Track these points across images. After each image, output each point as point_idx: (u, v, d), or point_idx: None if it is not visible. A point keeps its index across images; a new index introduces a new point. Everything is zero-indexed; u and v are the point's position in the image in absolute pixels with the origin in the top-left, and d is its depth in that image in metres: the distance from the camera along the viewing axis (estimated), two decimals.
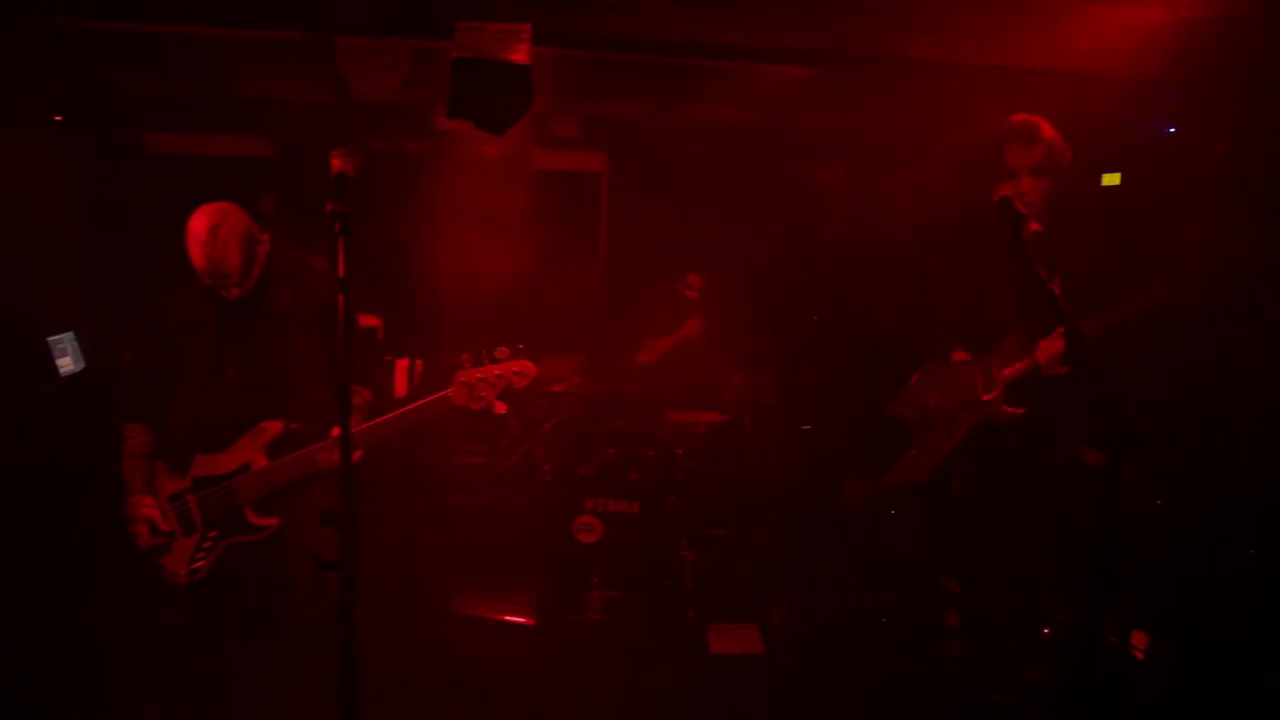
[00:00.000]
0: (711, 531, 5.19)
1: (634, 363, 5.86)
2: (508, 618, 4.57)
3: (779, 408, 5.54)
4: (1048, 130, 3.21)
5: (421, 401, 3.00)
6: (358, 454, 2.98)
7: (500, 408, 3.01)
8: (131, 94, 6.00)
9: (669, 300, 5.89)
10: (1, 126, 5.43)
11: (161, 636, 3.65)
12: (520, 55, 3.22)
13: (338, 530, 2.17)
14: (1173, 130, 4.72)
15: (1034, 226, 2.82)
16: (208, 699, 3.38)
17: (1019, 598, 3.58)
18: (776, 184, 6.53)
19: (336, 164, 2.28)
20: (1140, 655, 3.73)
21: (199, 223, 2.97)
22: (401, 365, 5.37)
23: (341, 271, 2.13)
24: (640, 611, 4.72)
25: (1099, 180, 4.88)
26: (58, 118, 5.89)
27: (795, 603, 4.83)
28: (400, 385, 5.34)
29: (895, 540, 4.89)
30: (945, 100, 4.52)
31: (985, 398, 3.40)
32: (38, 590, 4.56)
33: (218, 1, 3.80)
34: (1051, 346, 3.14)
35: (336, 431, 3.03)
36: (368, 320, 5.40)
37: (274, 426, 3.12)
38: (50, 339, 5.45)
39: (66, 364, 5.53)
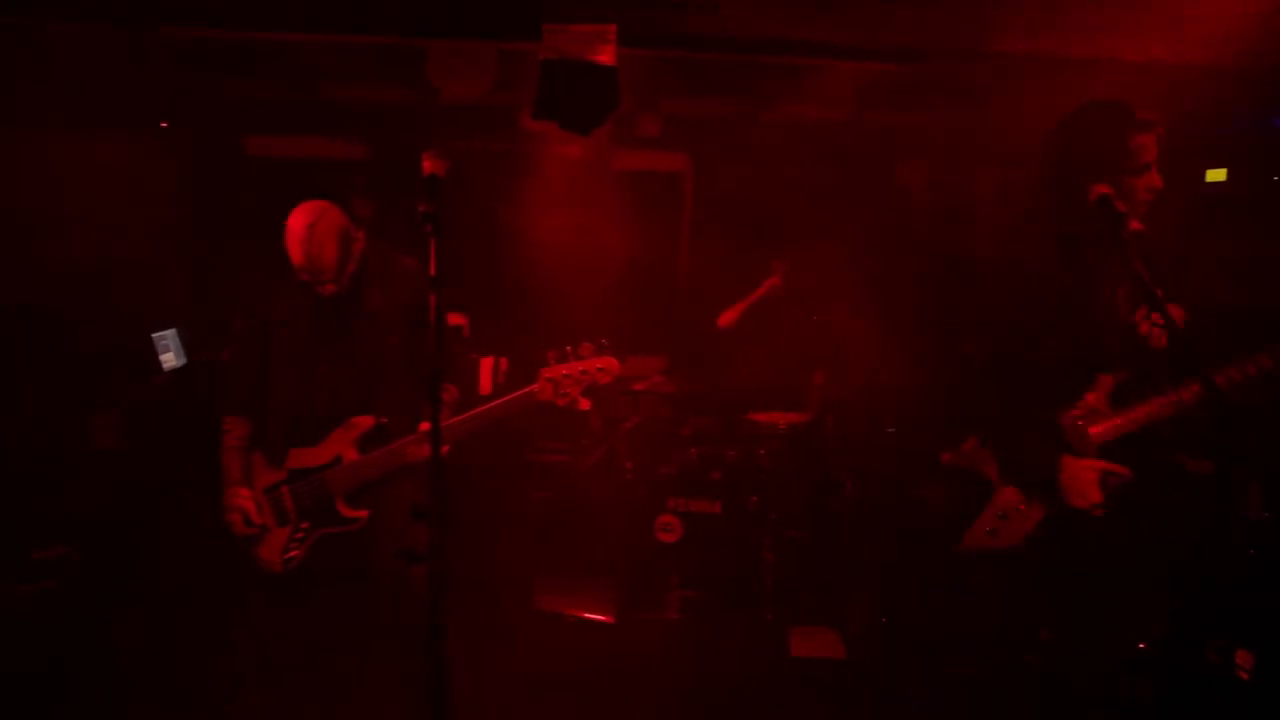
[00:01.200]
0: (792, 533, 5.14)
1: (716, 327, 5.80)
2: (588, 615, 4.60)
3: (863, 409, 5.44)
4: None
5: (508, 397, 3.04)
6: (444, 448, 3.05)
7: (584, 404, 3.03)
8: (233, 99, 6.21)
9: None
10: (112, 133, 5.68)
11: (254, 624, 3.78)
12: (606, 56, 3.24)
13: (427, 524, 2.21)
14: None
15: (1134, 225, 2.70)
16: (297, 686, 3.48)
17: (1117, 609, 3.46)
18: (860, 182, 6.43)
19: (428, 166, 2.32)
20: (1245, 675, 3.57)
21: (297, 220, 3.07)
22: (486, 363, 5.45)
23: (433, 270, 2.17)
24: (720, 612, 4.71)
25: (1203, 176, 4.69)
26: (164, 124, 6.13)
27: (878, 607, 4.75)
28: (485, 383, 5.42)
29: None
30: (1037, 95, 4.39)
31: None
32: (140, 574, 4.77)
33: (315, 9, 3.90)
34: (1152, 409, 2.81)
35: (424, 426, 3.11)
36: (454, 319, 5.50)
37: (364, 421, 3.20)
38: (154, 335, 5.67)
39: (169, 360, 5.75)
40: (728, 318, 5.71)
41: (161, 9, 4.11)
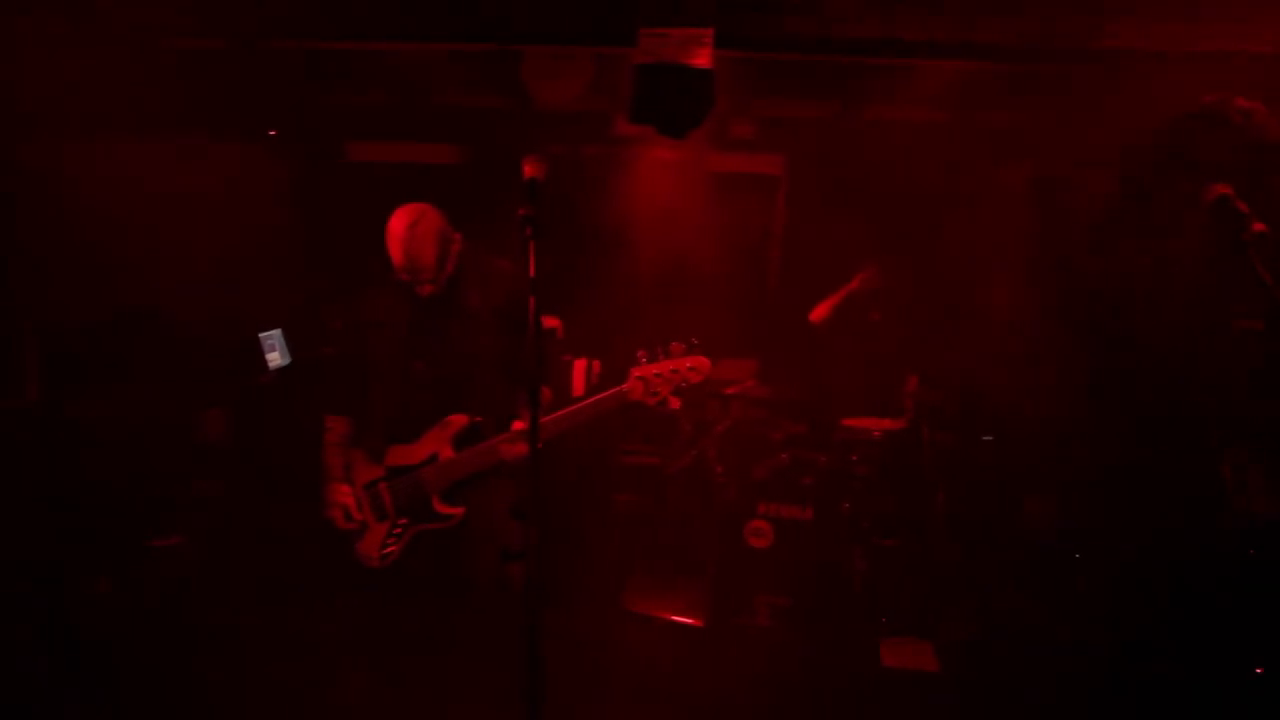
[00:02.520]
0: (885, 541, 5.05)
1: (808, 327, 5.73)
2: (677, 618, 4.60)
3: (959, 416, 5.31)
4: None
5: (599, 396, 3.06)
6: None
7: (675, 403, 3.03)
8: (336, 107, 6.40)
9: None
10: (224, 142, 5.92)
11: (352, 616, 3.88)
12: (702, 59, 3.23)
13: (523, 522, 2.23)
14: None
15: (1258, 227, 2.56)
16: (393, 680, 3.56)
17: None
18: (960, 184, 6.28)
19: (528, 170, 2.35)
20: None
21: (398, 221, 3.15)
22: (579, 365, 5.50)
23: (532, 272, 2.20)
24: (810, 619, 4.65)
25: None
26: (272, 132, 6.36)
27: (972, 620, 4.63)
28: (578, 385, 5.47)
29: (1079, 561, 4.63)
30: (1150, 92, 4.21)
31: None
32: (247, 565, 4.95)
33: (414, 20, 3.99)
34: None
35: (518, 425, 3.15)
36: (549, 321, 5.57)
37: (459, 419, 3.26)
38: (260, 335, 5.88)
39: (275, 359, 5.95)
40: (820, 312, 5.64)
41: (269, 24, 4.26)
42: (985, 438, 5.56)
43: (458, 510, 3.26)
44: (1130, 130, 4.93)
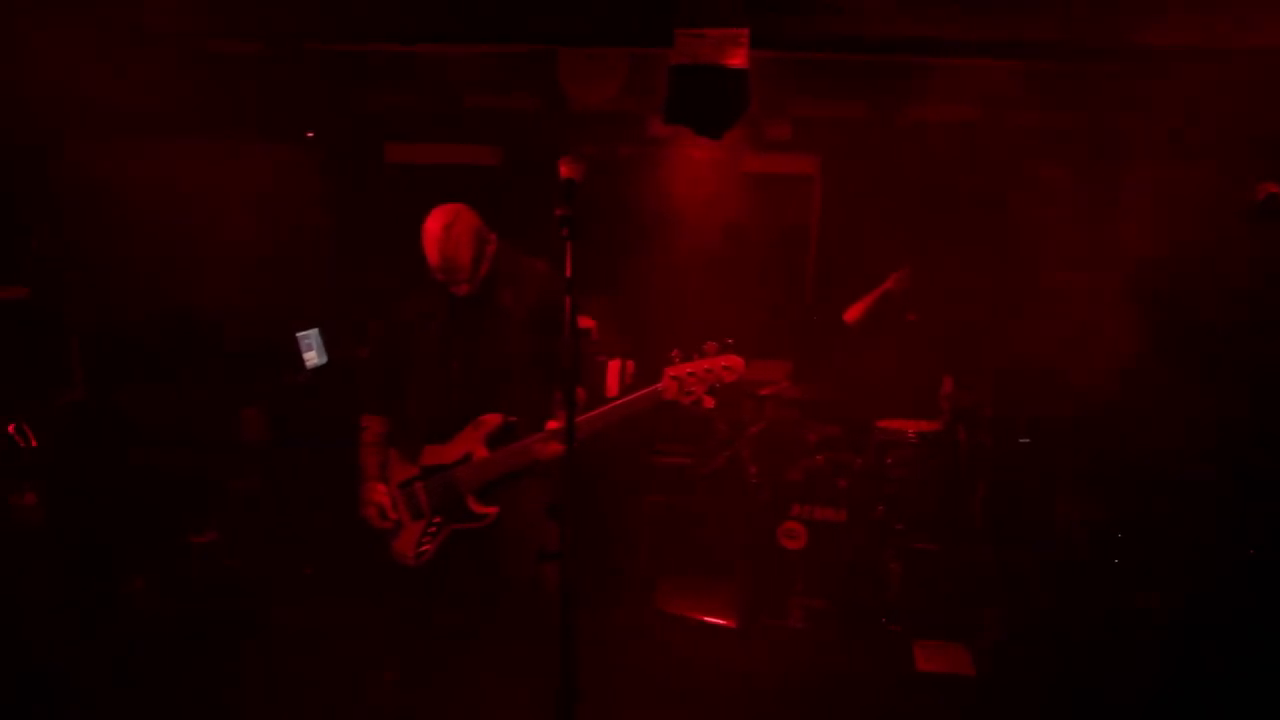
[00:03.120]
0: (920, 545, 5.01)
1: (843, 329, 5.70)
2: (709, 619, 4.59)
3: (994, 418, 5.25)
4: None
5: (633, 395, 3.06)
6: None
7: (709, 403, 3.03)
8: (373, 109, 6.46)
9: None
10: (264, 144, 6.00)
11: (387, 613, 3.92)
12: (738, 60, 3.22)
13: (558, 522, 2.24)
14: None
15: None
16: (426, 676, 3.58)
17: None
18: (997, 184, 6.21)
19: (564, 171, 2.35)
20: None
21: (434, 222, 3.17)
22: (613, 366, 5.50)
23: (569, 273, 2.20)
24: (843, 622, 4.63)
25: None
26: (309, 134, 6.44)
27: (1008, 624, 4.58)
28: (612, 385, 5.47)
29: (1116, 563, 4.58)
30: (1198, 90, 4.14)
31: None
32: (284, 561, 5.02)
33: (451, 20, 4.02)
34: None
35: (551, 424, 3.16)
36: (583, 321, 5.58)
37: (493, 419, 3.27)
38: (298, 334, 5.95)
39: (312, 358, 6.02)
40: (854, 312, 5.60)
41: (308, 27, 4.31)
42: (1022, 440, 5.50)
43: (492, 510, 3.27)
44: (1173, 127, 4.89)
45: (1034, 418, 5.57)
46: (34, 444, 3.24)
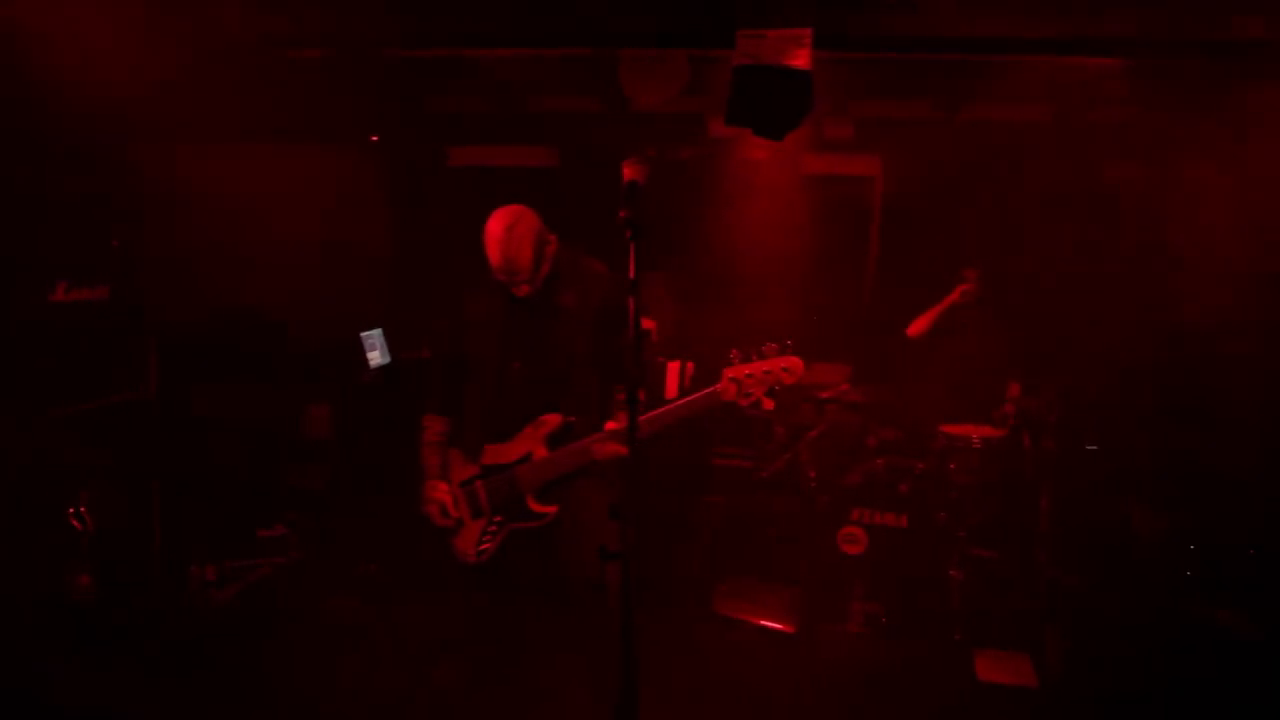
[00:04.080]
0: (982, 552, 4.92)
1: (905, 336, 5.62)
2: (767, 623, 4.56)
3: (1062, 425, 5.14)
4: None
5: (692, 396, 3.06)
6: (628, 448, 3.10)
7: (768, 404, 3.01)
8: (436, 113, 6.56)
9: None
10: (330, 148, 6.12)
11: (448, 612, 3.97)
12: (801, 60, 3.20)
13: (619, 522, 2.24)
14: None
15: None
16: (490, 673, 3.62)
17: None
18: (1065, 185, 6.08)
19: (628, 173, 2.36)
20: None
21: (496, 223, 3.20)
22: (673, 367, 5.51)
23: (633, 274, 2.21)
24: (903, 628, 4.57)
25: None
26: (374, 137, 6.55)
27: (1073, 636, 4.47)
28: (671, 387, 5.48)
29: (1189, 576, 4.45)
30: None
31: None
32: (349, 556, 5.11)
33: (514, 25, 4.06)
34: None
35: (610, 425, 3.17)
36: (644, 323, 5.59)
37: (553, 419, 3.29)
38: (362, 334, 6.06)
39: (375, 358, 6.12)
40: (917, 327, 5.52)
41: (375, 33, 4.39)
42: (1089, 447, 5.38)
43: (551, 509, 3.30)
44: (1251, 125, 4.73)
45: (1102, 424, 5.44)
46: (91, 529, 3.38)
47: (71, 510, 3.33)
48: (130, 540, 4.38)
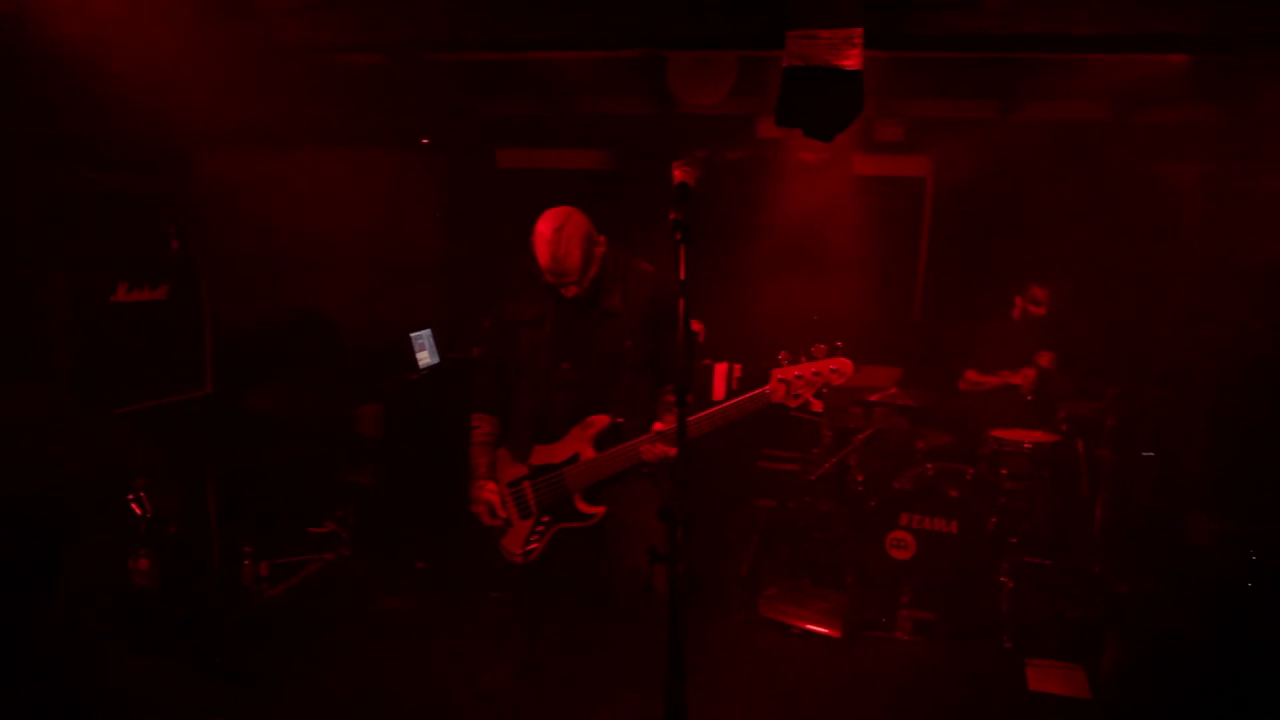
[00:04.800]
0: (1034, 560, 4.85)
1: (954, 387, 5.56)
2: (812, 627, 4.53)
3: (1117, 431, 5.03)
4: None
5: (740, 398, 3.05)
6: (675, 450, 3.09)
7: (817, 405, 3.00)
8: (486, 116, 6.62)
9: (1000, 317, 5.51)
10: (381, 151, 6.20)
11: (496, 610, 3.99)
12: (852, 61, 3.17)
13: (669, 525, 2.24)
14: None
15: None
16: (536, 670, 3.64)
17: None
18: (1122, 186, 5.96)
19: (678, 174, 2.36)
20: None
21: (545, 224, 3.22)
22: (720, 369, 5.50)
23: (683, 275, 2.21)
24: (952, 636, 4.50)
25: None
26: (424, 140, 6.63)
27: (1129, 647, 4.37)
28: (719, 389, 5.47)
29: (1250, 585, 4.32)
30: None
31: None
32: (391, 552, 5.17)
33: (563, 28, 4.08)
34: None
35: (658, 426, 3.17)
36: (692, 324, 5.59)
37: (601, 420, 3.31)
38: (412, 335, 6.13)
39: (424, 358, 6.19)
40: (971, 384, 5.43)
41: (428, 39, 4.43)
42: (1145, 454, 5.27)
43: (599, 509, 3.31)
44: None
45: (1159, 430, 5.33)
46: (150, 513, 3.47)
47: (130, 496, 3.42)
48: (186, 535, 4.47)
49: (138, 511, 3.45)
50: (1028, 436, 4.92)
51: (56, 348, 4.06)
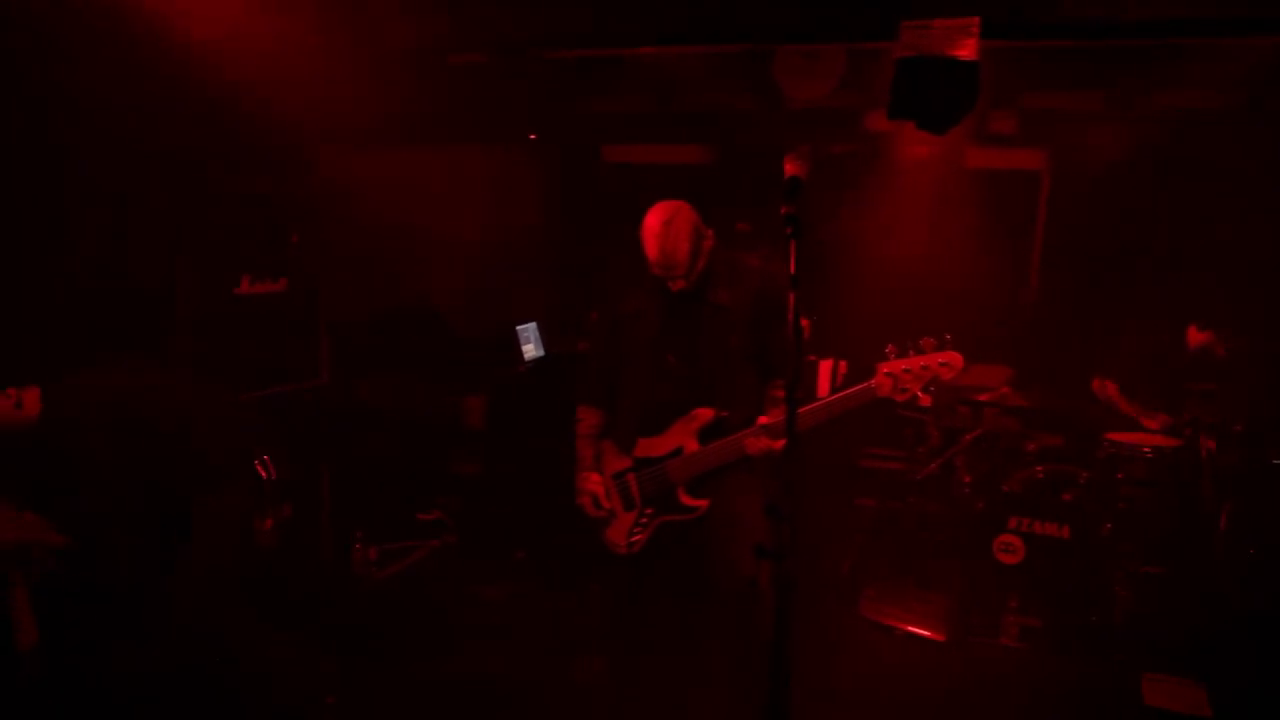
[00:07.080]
0: (1151, 569, 4.64)
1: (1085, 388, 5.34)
2: (916, 630, 4.45)
3: (1248, 435, 4.77)
4: None
5: (845, 392, 3.01)
6: (780, 443, 3.07)
7: (925, 400, 2.95)
8: (592, 112, 6.67)
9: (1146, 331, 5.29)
10: (491, 147, 6.32)
11: (597, 601, 4.03)
12: (967, 51, 3.09)
13: (775, 521, 2.22)
14: None
15: None
16: (632, 668, 3.66)
17: None
18: (1253, 178, 5.64)
19: (789, 168, 2.33)
20: None
21: (654, 217, 3.24)
22: (825, 365, 5.44)
23: (794, 270, 2.19)
24: (1062, 645, 4.36)
25: None
26: (532, 136, 6.73)
27: (1256, 666, 4.15)
28: (823, 385, 5.41)
29: None
30: None
31: None
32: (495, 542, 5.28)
33: (668, 24, 4.09)
34: None
35: (763, 419, 3.15)
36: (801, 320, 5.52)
37: (705, 413, 3.30)
38: (518, 328, 6.24)
39: (530, 350, 6.30)
40: (1108, 395, 5.18)
41: (536, 37, 4.50)
42: (1276, 461, 4.98)
43: (702, 503, 3.31)
44: None
45: None
46: (275, 476, 3.65)
47: (257, 461, 3.61)
48: (301, 517, 4.66)
49: (263, 475, 3.63)
50: (1148, 440, 4.71)
51: (185, 334, 4.30)
